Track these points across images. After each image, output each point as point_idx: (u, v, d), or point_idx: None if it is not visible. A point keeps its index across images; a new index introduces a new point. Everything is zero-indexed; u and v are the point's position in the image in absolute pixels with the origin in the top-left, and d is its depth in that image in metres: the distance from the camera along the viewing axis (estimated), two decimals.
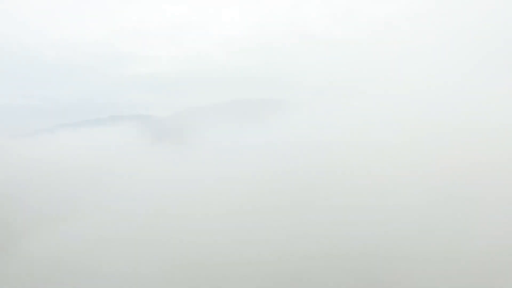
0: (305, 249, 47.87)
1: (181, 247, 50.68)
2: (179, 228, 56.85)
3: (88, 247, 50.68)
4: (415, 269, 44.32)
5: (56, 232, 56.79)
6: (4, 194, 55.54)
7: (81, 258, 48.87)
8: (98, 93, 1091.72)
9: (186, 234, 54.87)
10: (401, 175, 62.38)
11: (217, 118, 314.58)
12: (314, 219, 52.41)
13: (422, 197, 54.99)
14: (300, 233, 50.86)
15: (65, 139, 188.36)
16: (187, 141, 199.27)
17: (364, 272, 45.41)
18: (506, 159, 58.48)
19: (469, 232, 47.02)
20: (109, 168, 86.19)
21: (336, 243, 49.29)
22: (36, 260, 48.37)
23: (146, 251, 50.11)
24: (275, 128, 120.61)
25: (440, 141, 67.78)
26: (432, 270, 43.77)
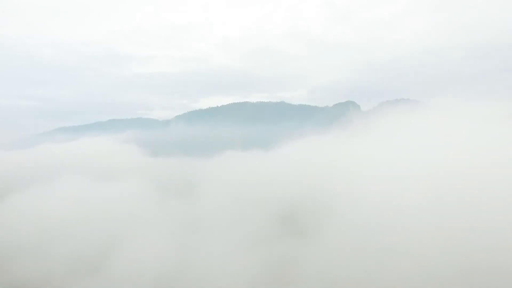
0: None
1: None
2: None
3: None
4: None
5: None
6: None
7: None
8: (97, 93, 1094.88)
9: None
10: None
11: (217, 124, 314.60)
12: None
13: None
14: None
15: (64, 150, 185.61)
16: (187, 151, 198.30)
17: None
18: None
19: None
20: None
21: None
22: None
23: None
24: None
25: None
26: None
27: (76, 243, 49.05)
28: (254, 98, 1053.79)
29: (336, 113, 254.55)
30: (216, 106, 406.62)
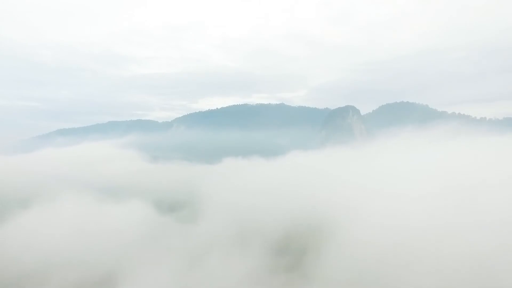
0: None
1: None
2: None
3: None
4: None
5: None
6: None
7: None
8: (97, 94, 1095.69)
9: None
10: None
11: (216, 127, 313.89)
12: None
13: None
14: None
15: (64, 157, 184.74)
16: (187, 156, 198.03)
17: None
18: None
19: None
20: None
21: None
22: None
23: None
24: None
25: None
26: None
27: (77, 271, 49.23)
28: (253, 99, 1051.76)
29: (336, 118, 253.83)
30: (216, 108, 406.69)
